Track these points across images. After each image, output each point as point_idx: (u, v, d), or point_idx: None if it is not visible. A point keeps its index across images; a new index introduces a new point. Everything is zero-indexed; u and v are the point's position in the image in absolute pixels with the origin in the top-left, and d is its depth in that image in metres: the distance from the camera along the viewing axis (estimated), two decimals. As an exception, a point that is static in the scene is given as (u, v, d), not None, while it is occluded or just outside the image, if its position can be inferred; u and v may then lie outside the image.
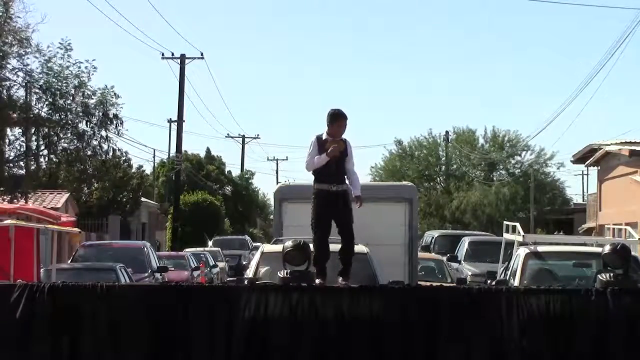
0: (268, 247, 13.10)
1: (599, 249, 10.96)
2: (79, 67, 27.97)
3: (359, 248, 9.89)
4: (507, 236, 16.07)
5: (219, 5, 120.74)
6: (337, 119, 9.56)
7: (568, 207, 59.13)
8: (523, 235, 14.88)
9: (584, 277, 12.72)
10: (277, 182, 58.51)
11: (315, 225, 9.55)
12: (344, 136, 9.64)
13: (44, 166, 30.54)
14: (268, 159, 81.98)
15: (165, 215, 53.25)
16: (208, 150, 66.99)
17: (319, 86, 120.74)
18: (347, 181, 9.69)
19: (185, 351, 7.96)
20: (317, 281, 9.15)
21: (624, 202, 36.96)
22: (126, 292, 8.10)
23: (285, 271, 8.70)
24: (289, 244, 8.99)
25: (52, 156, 29.46)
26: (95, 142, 28.85)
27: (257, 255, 12.92)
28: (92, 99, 28.43)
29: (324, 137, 9.59)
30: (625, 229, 17.06)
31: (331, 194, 9.49)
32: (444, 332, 7.88)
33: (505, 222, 17.64)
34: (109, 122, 28.77)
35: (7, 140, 28.20)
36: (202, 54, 47.74)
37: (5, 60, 26.41)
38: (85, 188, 36.92)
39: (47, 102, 27.90)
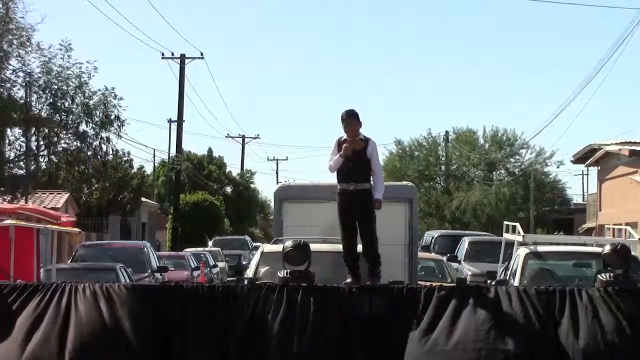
0: (268, 247, 13.11)
1: (599, 249, 10.96)
2: (80, 68, 28.00)
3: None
4: (507, 236, 16.07)
5: (219, 5, 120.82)
6: (344, 119, 9.63)
7: (568, 207, 59.11)
8: (523, 235, 14.87)
9: (584, 277, 12.72)
10: (277, 182, 58.46)
11: (340, 226, 9.63)
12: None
13: (44, 166, 30.54)
14: (268, 159, 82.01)
15: (166, 215, 53.24)
16: (210, 150, 67.12)
17: (319, 86, 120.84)
18: (371, 181, 9.67)
19: (184, 351, 7.97)
20: (347, 280, 9.24)
21: (624, 202, 36.96)
22: (126, 292, 8.10)
23: (285, 271, 8.70)
24: (289, 244, 9.00)
25: (52, 156, 29.46)
26: (95, 143, 28.87)
27: (257, 255, 12.94)
28: (93, 99, 28.43)
29: (343, 138, 9.64)
30: (625, 229, 17.06)
31: (349, 193, 9.52)
32: (443, 332, 7.88)
33: (505, 222, 17.63)
34: (109, 124, 28.76)
35: (7, 140, 28.20)
36: (202, 54, 47.80)
37: (6, 60, 26.42)
38: (85, 188, 36.92)
39: (47, 103, 27.91)
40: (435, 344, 7.76)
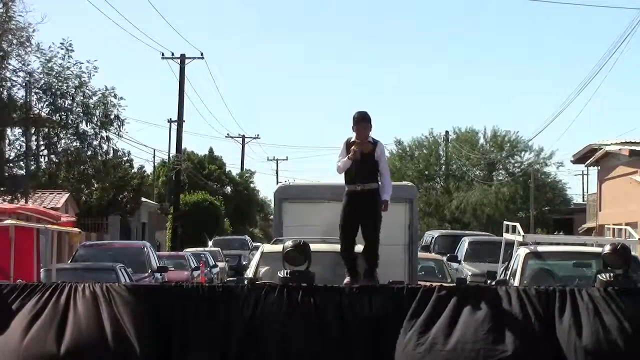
0: (268, 247, 13.09)
1: (599, 249, 10.96)
2: (80, 68, 27.99)
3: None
4: (507, 236, 16.07)
5: (219, 5, 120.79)
6: (358, 122, 9.63)
7: (568, 207, 59.12)
8: (523, 235, 14.88)
9: (584, 277, 12.72)
10: (277, 182, 58.45)
11: (341, 225, 9.68)
12: (379, 139, 9.75)
13: (44, 166, 30.53)
14: (268, 159, 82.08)
15: (165, 215, 53.24)
16: (211, 150, 67.16)
17: (319, 86, 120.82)
18: (379, 181, 9.73)
19: (184, 351, 7.96)
20: (346, 280, 9.26)
21: (624, 202, 36.95)
22: (126, 292, 8.10)
23: (285, 271, 8.70)
24: (289, 244, 9.00)
25: (52, 156, 29.44)
26: (95, 143, 28.85)
27: (257, 255, 12.93)
28: (93, 99, 28.42)
29: (352, 140, 9.65)
30: (625, 229, 17.07)
31: (357, 193, 9.58)
32: (442, 332, 7.87)
33: (505, 222, 17.64)
34: (109, 123, 28.75)
35: (7, 140, 28.20)
36: (202, 54, 47.93)
37: (6, 60, 26.42)
38: (85, 188, 36.94)
39: (47, 103, 27.89)
40: (434, 344, 7.75)
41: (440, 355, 7.69)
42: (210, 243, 42.94)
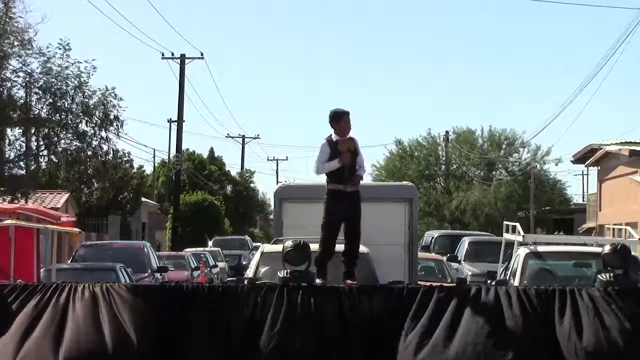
0: (268, 247, 13.10)
1: (599, 249, 10.95)
2: (79, 67, 27.96)
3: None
4: (507, 236, 16.07)
5: (219, 5, 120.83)
6: (340, 116, 9.56)
7: (568, 207, 59.12)
8: (523, 235, 14.87)
9: (584, 277, 12.73)
10: (277, 182, 58.41)
11: (326, 225, 9.58)
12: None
13: (44, 166, 30.50)
14: (268, 159, 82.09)
15: (165, 215, 53.23)
16: (212, 150, 67.14)
17: (319, 86, 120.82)
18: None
19: (185, 351, 7.97)
20: (318, 281, 9.10)
21: (624, 202, 36.96)
22: (126, 292, 8.10)
23: (285, 271, 8.70)
24: (289, 244, 8.99)
25: (52, 156, 29.41)
26: (95, 143, 28.82)
27: (257, 255, 12.93)
28: (92, 99, 28.39)
29: (333, 138, 9.57)
30: (625, 229, 17.08)
31: (345, 194, 9.55)
32: (442, 333, 7.87)
33: (505, 222, 17.65)
34: (109, 124, 28.71)
35: (7, 141, 28.18)
36: (202, 54, 47.84)
37: (6, 60, 26.40)
38: (85, 188, 36.90)
39: (47, 103, 27.87)
40: (435, 345, 7.76)
41: (441, 358, 7.69)
42: (210, 243, 42.91)
